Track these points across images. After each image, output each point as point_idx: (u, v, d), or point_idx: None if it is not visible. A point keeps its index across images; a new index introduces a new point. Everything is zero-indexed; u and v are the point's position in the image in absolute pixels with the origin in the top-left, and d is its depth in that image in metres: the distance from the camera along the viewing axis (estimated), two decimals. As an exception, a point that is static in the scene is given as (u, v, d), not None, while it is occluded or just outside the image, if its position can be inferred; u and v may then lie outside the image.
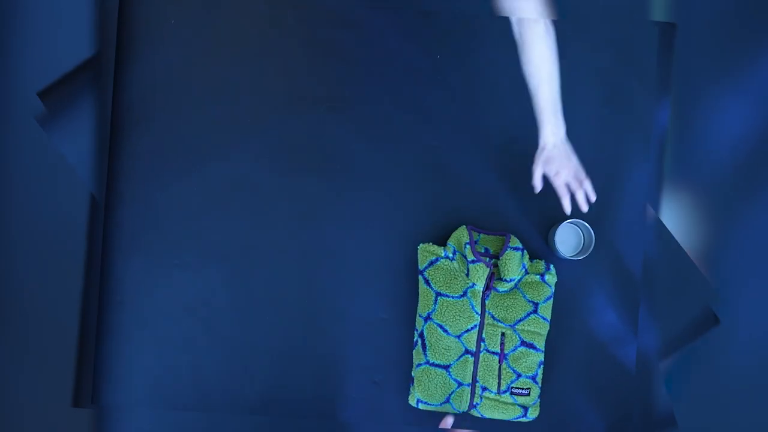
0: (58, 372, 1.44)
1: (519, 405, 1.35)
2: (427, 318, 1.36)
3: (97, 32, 1.45)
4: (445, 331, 1.34)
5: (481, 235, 1.39)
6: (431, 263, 1.37)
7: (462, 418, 1.43)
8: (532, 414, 1.36)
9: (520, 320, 1.34)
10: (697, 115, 1.45)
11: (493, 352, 1.34)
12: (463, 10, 1.45)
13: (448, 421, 1.39)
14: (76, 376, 1.43)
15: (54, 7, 1.45)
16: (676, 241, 1.44)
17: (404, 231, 1.45)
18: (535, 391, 1.35)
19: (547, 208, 1.43)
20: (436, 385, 1.34)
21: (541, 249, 1.43)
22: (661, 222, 1.43)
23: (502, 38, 1.45)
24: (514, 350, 1.34)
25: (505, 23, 1.44)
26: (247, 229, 1.46)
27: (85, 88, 1.44)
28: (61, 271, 1.46)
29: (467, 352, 1.34)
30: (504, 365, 1.34)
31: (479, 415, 1.35)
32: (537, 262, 1.37)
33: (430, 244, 1.38)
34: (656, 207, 1.44)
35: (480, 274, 1.32)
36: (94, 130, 1.44)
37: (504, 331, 1.34)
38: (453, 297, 1.34)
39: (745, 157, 1.45)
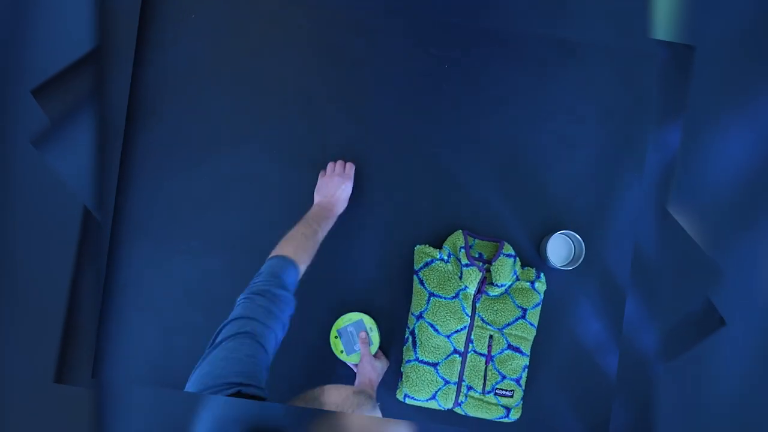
0: (44, 349, 1.46)
1: (502, 406, 1.37)
2: (419, 317, 1.37)
3: (119, 23, 1.47)
4: (436, 330, 1.36)
5: (476, 241, 1.41)
6: (426, 264, 1.39)
7: (447, 415, 1.45)
8: (514, 415, 1.38)
9: (508, 324, 1.37)
10: (705, 139, 1.46)
11: (481, 354, 1.36)
12: (473, 25, 1.47)
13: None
14: (60, 354, 1.45)
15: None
16: (668, 253, 1.46)
17: (402, 231, 1.47)
18: (519, 394, 1.38)
19: (541, 219, 1.45)
20: (424, 381, 1.36)
21: (533, 257, 1.45)
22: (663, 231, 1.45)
23: (509, 55, 1.47)
24: (500, 353, 1.36)
25: (513, 41, 1.46)
26: (249, 222, 1.47)
27: (102, 78, 1.47)
28: (64, 250, 1.48)
29: (455, 351, 1.36)
30: (490, 367, 1.36)
31: (463, 413, 1.38)
32: (528, 270, 1.40)
33: (427, 245, 1.40)
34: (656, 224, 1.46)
35: (473, 277, 1.34)
36: (109, 119, 1.47)
37: (492, 333, 1.36)
38: (445, 298, 1.36)
39: (748, 184, 1.46)
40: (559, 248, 1.43)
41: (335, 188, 1.38)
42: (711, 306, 1.45)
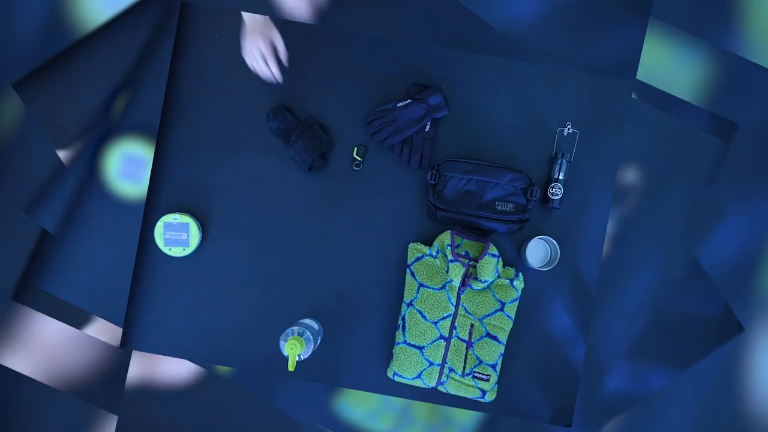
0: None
1: (479, 388, 1.51)
2: (410, 304, 1.51)
3: (159, 35, 1.60)
4: (424, 317, 1.50)
5: (464, 240, 1.54)
6: (418, 259, 1.53)
7: (431, 393, 1.59)
8: (489, 397, 1.52)
9: (487, 315, 1.51)
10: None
11: (462, 339, 1.50)
12: (470, 53, 1.60)
13: None
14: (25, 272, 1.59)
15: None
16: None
17: (399, 231, 1.59)
18: (494, 379, 1.51)
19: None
20: (411, 362, 1.50)
21: (514, 258, 1.59)
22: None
23: (502, 78, 1.59)
24: (479, 340, 1.51)
25: (505, 66, 1.59)
26: (267, 215, 1.59)
27: (142, 82, 1.60)
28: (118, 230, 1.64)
29: (441, 337, 1.50)
30: (470, 352, 1.50)
31: (445, 391, 1.53)
32: (508, 269, 1.53)
33: (419, 243, 1.55)
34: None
35: (457, 272, 1.48)
36: (146, 118, 1.60)
37: (473, 322, 1.51)
38: (433, 289, 1.51)
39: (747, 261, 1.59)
40: (537, 251, 1.57)
41: None
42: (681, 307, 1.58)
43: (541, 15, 1.59)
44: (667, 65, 1.60)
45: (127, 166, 1.62)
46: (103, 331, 1.61)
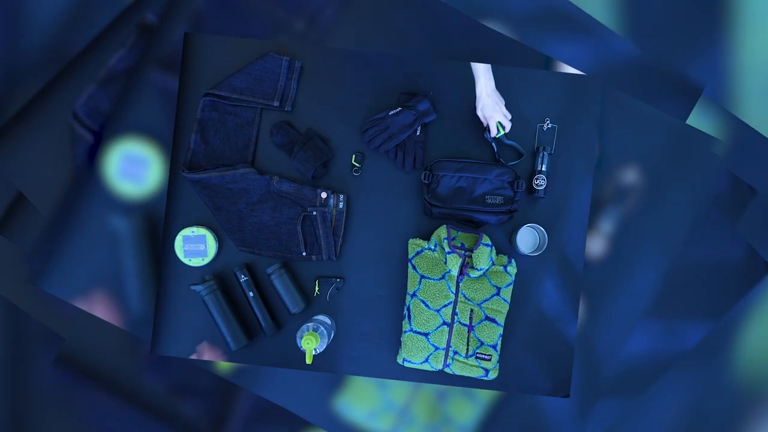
0: None
1: (482, 367, 1.60)
2: (413, 295, 1.60)
3: (164, 62, 1.71)
4: (427, 305, 1.59)
5: (459, 233, 1.63)
6: (418, 253, 1.62)
7: (439, 375, 1.67)
8: (492, 375, 1.61)
9: (485, 300, 1.61)
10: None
11: (464, 324, 1.59)
12: (453, 61, 1.70)
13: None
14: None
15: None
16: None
17: (399, 228, 1.67)
18: (495, 358, 1.60)
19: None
20: (418, 348, 1.59)
21: (506, 246, 1.68)
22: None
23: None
24: (479, 323, 1.60)
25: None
26: None
27: (154, 105, 1.70)
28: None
29: (444, 323, 1.59)
30: (471, 335, 1.59)
31: (451, 373, 1.62)
32: (502, 256, 1.63)
33: (418, 238, 1.63)
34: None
35: (454, 262, 1.58)
36: (161, 134, 1.69)
37: (472, 308, 1.60)
38: (434, 279, 1.60)
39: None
40: (527, 238, 1.66)
41: None
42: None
43: (608, 63, 1.77)
44: (705, 127, 1.74)
45: (128, 167, 1.69)
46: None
